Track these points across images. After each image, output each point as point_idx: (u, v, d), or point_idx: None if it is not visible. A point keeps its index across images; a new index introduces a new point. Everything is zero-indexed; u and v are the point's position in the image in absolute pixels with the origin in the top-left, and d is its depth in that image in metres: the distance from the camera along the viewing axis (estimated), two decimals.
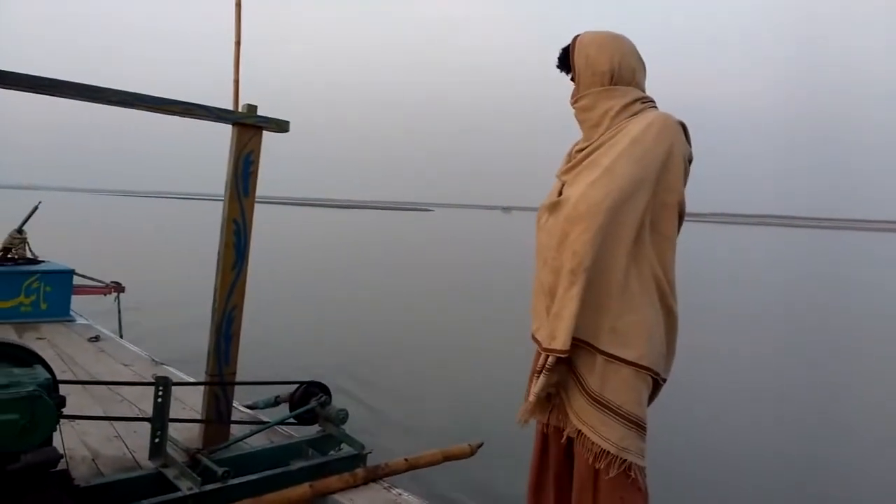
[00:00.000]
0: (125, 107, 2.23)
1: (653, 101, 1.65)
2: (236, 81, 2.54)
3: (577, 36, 1.69)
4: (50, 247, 5.71)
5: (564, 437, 1.60)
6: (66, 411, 1.76)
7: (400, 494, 2.19)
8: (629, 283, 1.50)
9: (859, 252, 44.50)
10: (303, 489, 2.08)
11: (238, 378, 2.50)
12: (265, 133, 2.50)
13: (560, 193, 1.65)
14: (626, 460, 1.47)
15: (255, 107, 2.48)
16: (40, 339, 4.26)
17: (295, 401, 2.61)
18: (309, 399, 2.59)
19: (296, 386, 2.66)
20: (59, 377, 1.81)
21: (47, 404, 1.63)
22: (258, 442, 2.55)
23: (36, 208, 5.89)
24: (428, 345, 8.87)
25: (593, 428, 1.51)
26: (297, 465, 2.29)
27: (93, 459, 2.32)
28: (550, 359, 1.52)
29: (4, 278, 4.71)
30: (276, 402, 2.78)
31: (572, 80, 1.70)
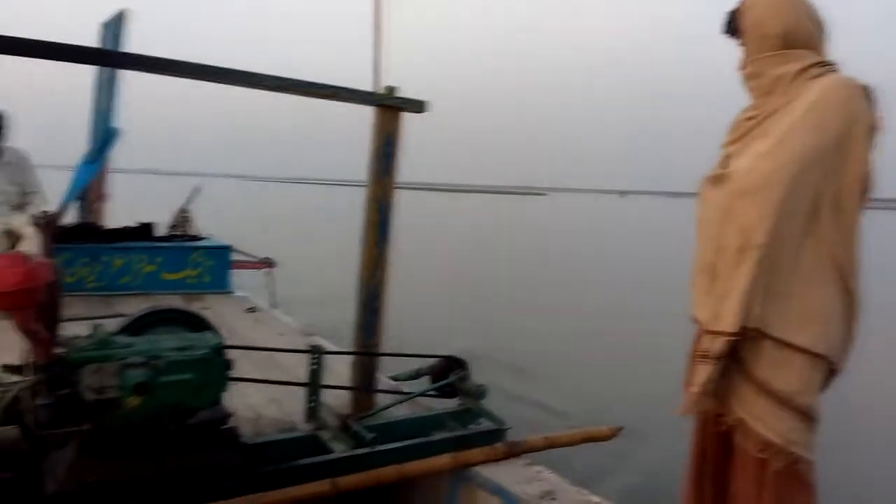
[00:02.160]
0: (279, 91, 2.37)
1: (833, 66, 1.49)
2: (377, 64, 2.63)
3: None
4: (209, 225, 6.23)
5: (725, 426, 1.52)
6: (230, 374, 1.93)
7: (540, 472, 2.19)
8: (803, 262, 1.38)
9: None
10: (445, 459, 2.14)
11: (381, 350, 2.62)
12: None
13: (726, 166, 1.54)
14: (792, 453, 1.37)
15: (395, 88, 2.55)
16: (205, 308, 4.68)
17: (435, 374, 2.68)
18: (448, 373, 2.65)
19: (436, 360, 2.73)
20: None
21: (219, 366, 1.80)
22: (400, 412, 2.65)
23: (198, 189, 6.45)
24: (559, 327, 8.79)
25: (759, 418, 1.41)
26: (438, 435, 2.36)
27: (255, 420, 2.53)
28: (718, 345, 1.43)
29: (173, 252, 5.22)
30: (417, 374, 2.87)
31: (741, 45, 1.58)
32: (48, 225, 2.71)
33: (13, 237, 4.27)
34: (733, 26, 1.58)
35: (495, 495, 2.09)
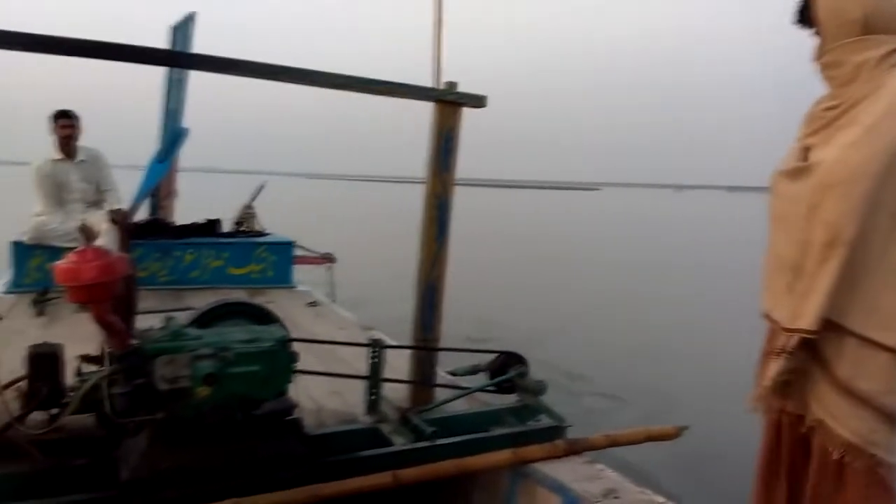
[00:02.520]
0: (338, 88, 2.40)
1: None
2: (437, 59, 2.63)
3: None
4: (272, 222, 6.39)
5: (804, 427, 1.46)
6: (295, 367, 1.97)
7: (602, 470, 2.16)
8: (891, 257, 1.31)
9: None
10: (505, 455, 2.14)
11: (439, 345, 2.63)
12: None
13: (805, 158, 1.47)
14: (873, 455, 1.30)
15: (455, 83, 2.55)
16: (269, 302, 4.81)
17: (494, 370, 2.68)
18: (507, 369, 2.64)
19: (494, 356, 2.73)
20: None
21: (284, 358, 1.84)
22: (458, 407, 2.66)
23: (262, 187, 6.63)
24: (621, 325, 8.65)
25: (839, 418, 1.35)
26: (497, 431, 2.36)
27: (317, 411, 2.58)
28: (793, 339, 1.38)
29: (238, 248, 5.38)
30: (475, 370, 2.87)
31: (816, 34, 1.50)
32: (123, 221, 2.83)
33: (89, 233, 4.50)
34: (806, 15, 1.50)
35: (555, 493, 2.07)
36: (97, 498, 1.76)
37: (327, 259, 6.48)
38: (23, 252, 4.67)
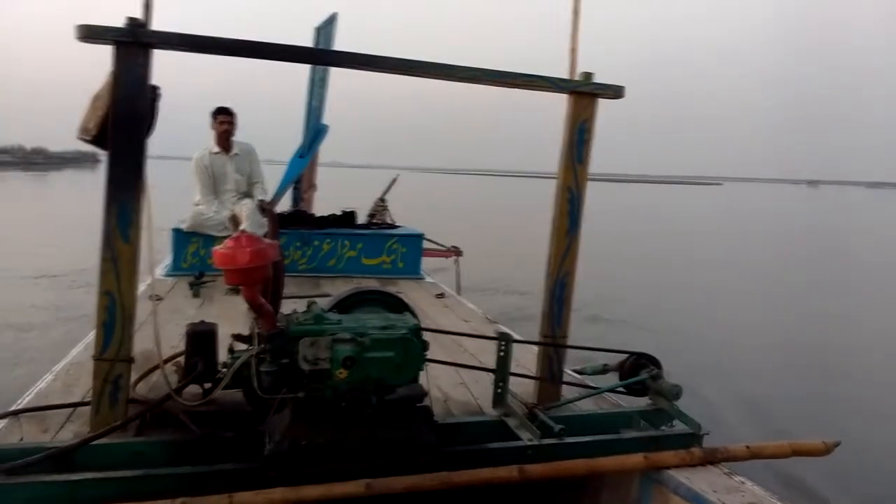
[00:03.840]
0: (473, 82, 2.41)
1: None
2: (573, 50, 2.57)
3: None
4: (403, 214, 6.58)
5: None
6: (426, 355, 2.00)
7: (743, 483, 2.03)
8: None
9: None
10: (637, 458, 2.06)
11: (568, 342, 2.58)
12: None
13: None
14: None
15: (592, 74, 2.48)
16: (398, 293, 4.96)
17: (625, 371, 2.59)
18: (639, 371, 2.54)
19: (625, 356, 2.64)
20: None
21: (417, 346, 1.88)
22: (586, 406, 2.60)
23: (394, 181, 6.84)
24: (765, 330, 8.08)
25: None
26: (628, 434, 2.28)
27: (444, 401, 2.63)
28: None
29: (371, 239, 5.60)
30: (605, 370, 2.79)
31: None
32: (272, 211, 3.03)
33: (236, 222, 4.86)
34: None
35: (690, 502, 1.97)
36: (242, 469, 1.89)
37: (455, 252, 6.58)
38: (182, 239, 5.14)
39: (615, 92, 2.48)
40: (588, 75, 2.45)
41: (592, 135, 2.50)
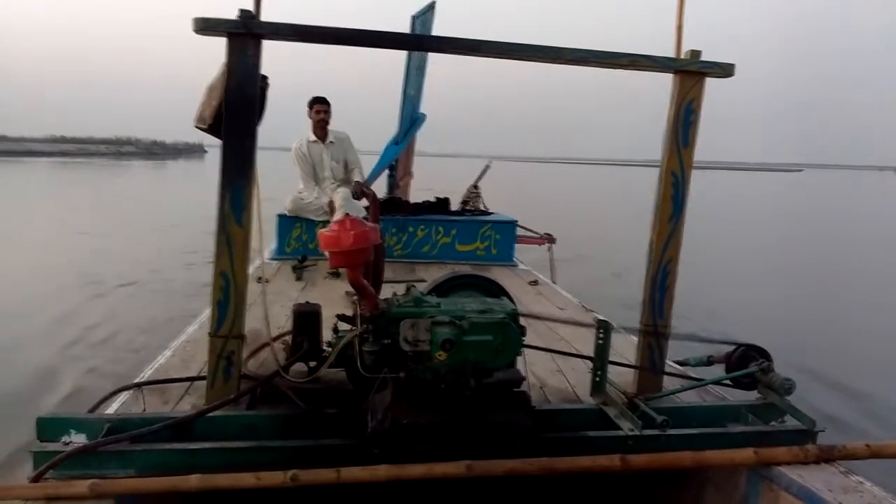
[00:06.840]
0: (577, 64, 2.35)
1: None
2: (679, 27, 2.46)
3: None
4: (496, 201, 6.56)
5: None
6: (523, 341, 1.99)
7: (861, 483, 1.89)
8: None
9: None
10: (746, 453, 1.96)
11: (670, 332, 2.49)
12: None
13: None
14: None
15: (699, 52, 2.37)
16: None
17: (732, 363, 2.47)
18: (747, 363, 2.42)
19: (732, 347, 2.52)
20: None
21: (514, 331, 1.87)
22: (689, 398, 2.51)
23: (488, 167, 6.84)
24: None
25: None
26: (735, 428, 2.18)
27: (540, 387, 2.61)
28: None
29: (465, 226, 5.63)
30: (709, 361, 2.68)
31: None
32: (373, 195, 3.10)
33: (332, 208, 5.04)
34: None
35: (804, 501, 1.86)
36: (345, 444, 1.95)
37: (548, 239, 6.50)
38: (286, 224, 5.36)
39: (725, 70, 2.36)
40: (695, 53, 2.34)
41: (699, 116, 2.39)
